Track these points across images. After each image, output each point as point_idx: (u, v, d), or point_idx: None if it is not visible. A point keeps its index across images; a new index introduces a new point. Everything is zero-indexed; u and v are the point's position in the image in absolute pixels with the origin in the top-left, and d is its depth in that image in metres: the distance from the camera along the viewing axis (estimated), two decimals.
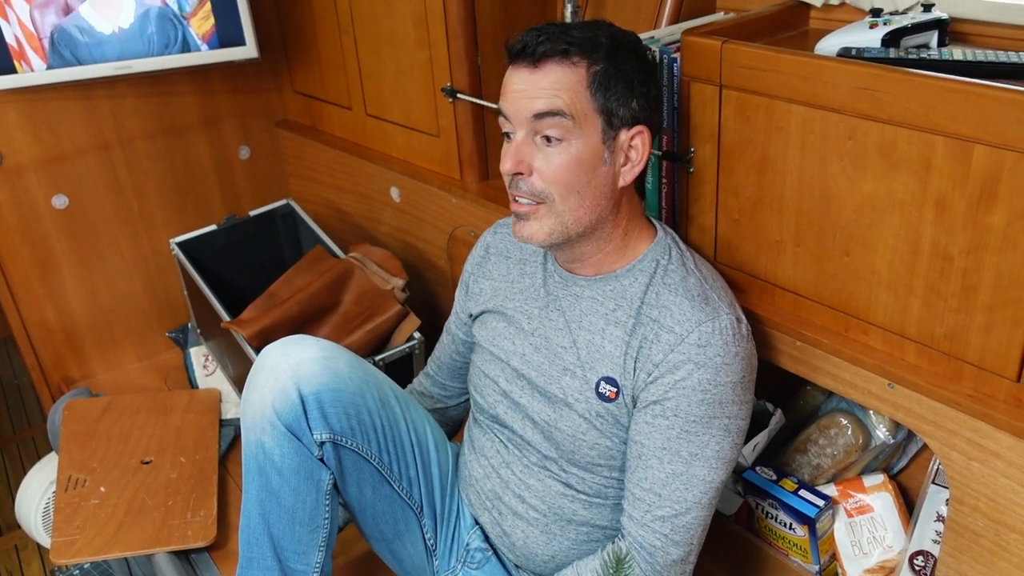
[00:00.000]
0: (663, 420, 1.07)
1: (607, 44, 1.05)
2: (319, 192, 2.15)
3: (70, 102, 1.87)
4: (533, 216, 1.10)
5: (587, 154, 1.06)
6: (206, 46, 1.82)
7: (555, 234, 1.10)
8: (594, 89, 1.04)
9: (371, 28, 1.78)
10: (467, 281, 1.36)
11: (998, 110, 0.90)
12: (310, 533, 1.19)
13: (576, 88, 1.04)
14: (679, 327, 1.06)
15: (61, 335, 2.02)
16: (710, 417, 1.06)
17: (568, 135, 1.05)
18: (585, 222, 1.10)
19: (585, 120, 1.05)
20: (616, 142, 1.07)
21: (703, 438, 1.07)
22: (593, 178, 1.07)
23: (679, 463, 1.08)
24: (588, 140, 1.06)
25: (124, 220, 2.02)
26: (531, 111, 1.05)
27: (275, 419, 1.13)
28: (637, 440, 1.10)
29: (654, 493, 1.09)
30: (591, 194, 1.08)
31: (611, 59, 1.05)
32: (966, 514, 1.06)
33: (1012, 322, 0.97)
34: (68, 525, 1.53)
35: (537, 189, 1.08)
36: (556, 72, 1.04)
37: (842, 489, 1.37)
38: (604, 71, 1.05)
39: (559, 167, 1.06)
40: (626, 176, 1.10)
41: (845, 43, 1.11)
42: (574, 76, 1.04)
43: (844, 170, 1.07)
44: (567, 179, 1.06)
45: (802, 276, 1.18)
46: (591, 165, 1.07)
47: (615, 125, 1.06)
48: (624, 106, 1.06)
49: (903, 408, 1.10)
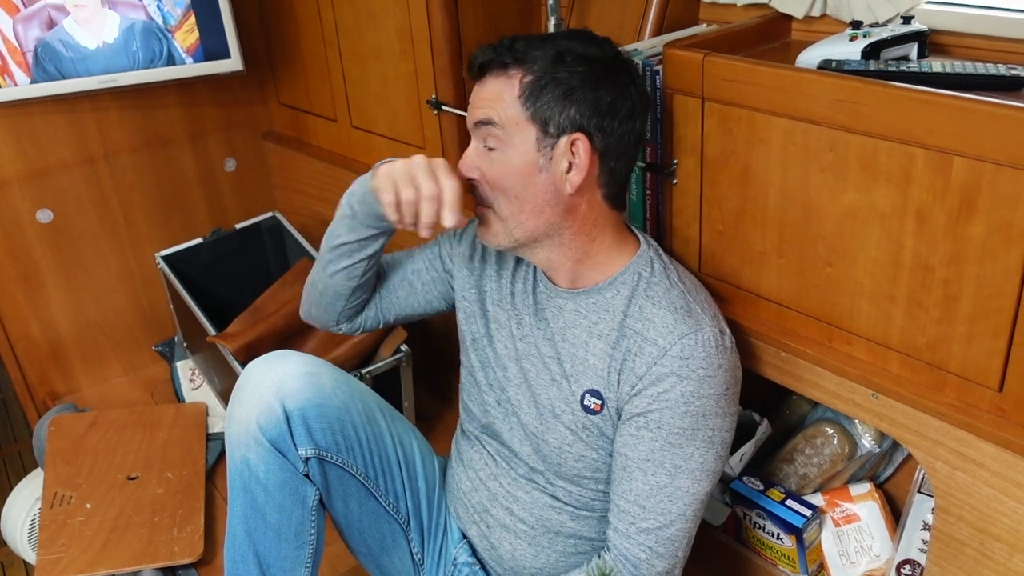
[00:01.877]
0: (647, 432, 1.07)
1: (549, 55, 1.07)
2: (305, 204, 2.15)
3: (54, 116, 1.87)
4: (485, 219, 1.14)
5: (520, 161, 1.08)
6: (191, 59, 1.82)
7: (501, 236, 1.13)
8: (524, 98, 1.07)
9: (356, 41, 1.78)
10: (464, 251, 1.30)
11: (977, 122, 0.91)
12: (296, 550, 1.18)
13: (506, 98, 1.07)
14: (662, 339, 1.07)
15: (46, 349, 2.01)
16: (694, 429, 1.07)
17: (500, 144, 1.09)
18: (530, 227, 1.11)
19: (516, 128, 1.07)
20: (555, 149, 1.07)
21: (687, 450, 1.07)
22: (530, 184, 1.09)
23: (663, 475, 1.08)
24: (520, 148, 1.08)
25: (109, 234, 2.01)
26: (471, 121, 1.11)
27: (260, 435, 1.13)
28: (621, 452, 1.10)
29: (639, 505, 1.09)
30: (530, 200, 1.09)
31: (548, 68, 1.06)
32: (951, 523, 1.07)
33: (993, 332, 0.97)
34: (53, 543, 1.52)
35: (485, 194, 1.12)
36: (493, 84, 1.09)
37: (829, 498, 1.37)
38: (536, 80, 1.06)
39: (496, 174, 1.10)
40: (571, 182, 1.08)
41: (825, 55, 1.12)
42: (507, 86, 1.08)
43: (825, 182, 1.07)
44: (503, 185, 1.09)
45: (786, 287, 1.18)
46: (526, 172, 1.08)
47: (551, 132, 1.07)
48: (560, 113, 1.06)
49: (887, 418, 1.10)
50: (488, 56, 1.09)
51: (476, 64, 1.11)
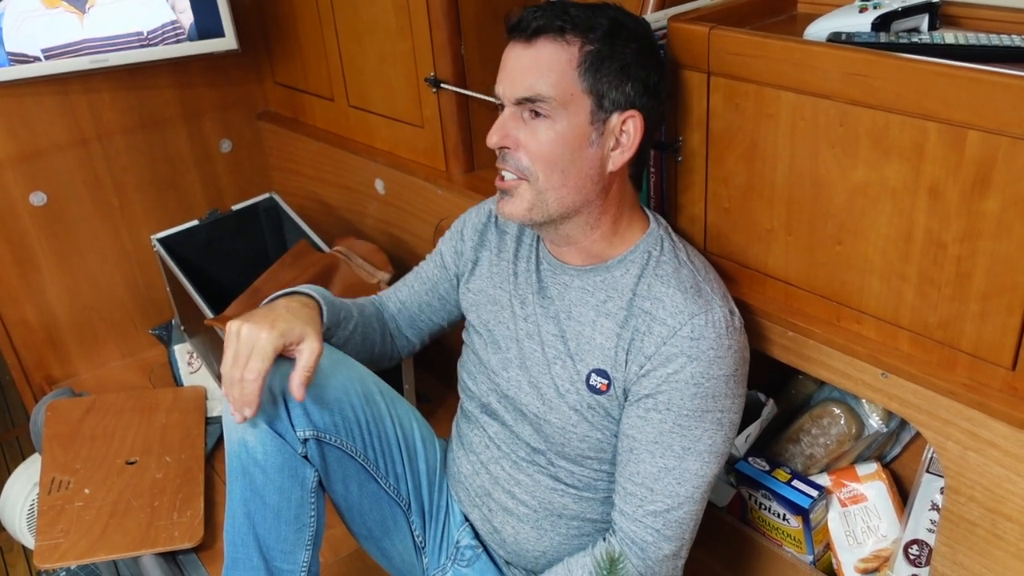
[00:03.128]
0: (655, 414, 1.06)
1: (606, 26, 1.04)
2: (303, 185, 2.13)
3: (46, 97, 1.83)
4: (515, 191, 1.09)
5: (572, 133, 1.05)
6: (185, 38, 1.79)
7: (535, 211, 1.09)
8: (583, 69, 1.03)
9: (352, 17, 1.75)
10: (459, 242, 1.31)
11: (992, 95, 0.88)
12: (296, 532, 1.17)
13: (565, 68, 1.03)
14: (672, 319, 1.05)
15: (42, 334, 1.98)
16: (703, 411, 1.05)
17: (554, 113, 1.04)
18: (568, 202, 1.08)
19: (571, 100, 1.04)
20: (606, 124, 1.06)
21: (696, 432, 1.06)
22: (578, 158, 1.06)
23: (671, 457, 1.06)
24: (574, 120, 1.04)
25: (104, 216, 1.98)
26: (518, 91, 1.05)
27: (256, 417, 1.11)
28: (629, 434, 1.09)
29: (646, 487, 1.07)
30: (575, 174, 1.06)
31: (607, 41, 1.04)
32: (962, 503, 1.06)
33: (1007, 310, 0.95)
34: (52, 528, 1.50)
35: (523, 164, 1.07)
36: (548, 49, 1.04)
37: (835, 479, 1.36)
38: (597, 52, 1.04)
39: (543, 143, 1.05)
40: (616, 160, 1.08)
41: (835, 28, 1.10)
42: (565, 55, 1.03)
43: (835, 157, 1.05)
44: (551, 155, 1.05)
45: (793, 265, 1.16)
46: (576, 144, 1.05)
47: (606, 107, 1.05)
48: (616, 89, 1.04)
49: (897, 398, 1.08)
50: (542, 19, 1.04)
51: (529, 26, 1.04)
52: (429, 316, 1.39)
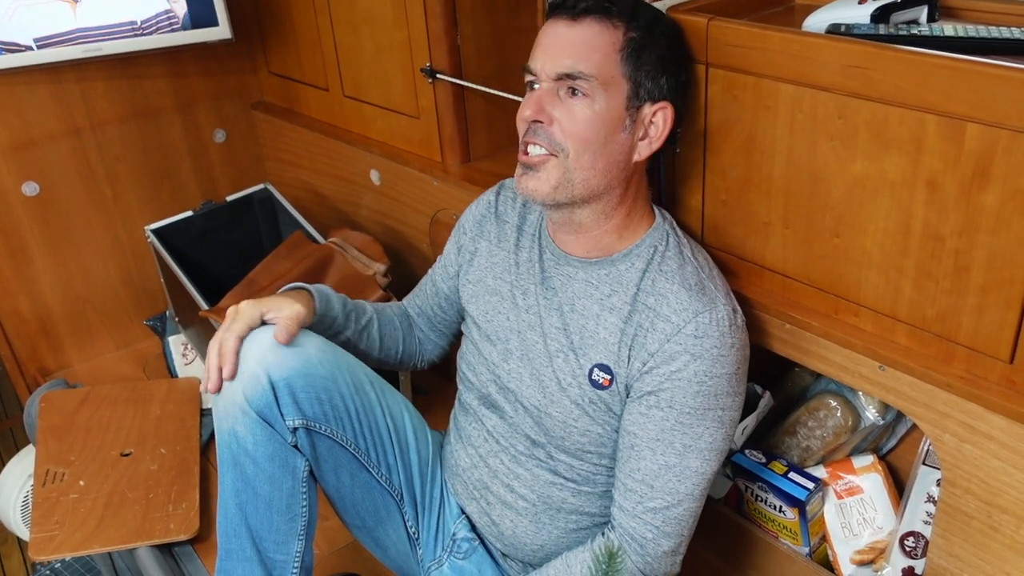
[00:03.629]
0: (657, 411, 1.06)
1: (649, 15, 1.06)
2: (297, 176, 2.11)
3: (38, 86, 1.82)
4: (542, 167, 1.08)
5: (608, 115, 1.05)
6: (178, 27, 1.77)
7: (560, 190, 1.08)
8: (626, 54, 1.05)
9: (347, 7, 1.73)
10: (464, 235, 1.32)
11: (992, 87, 0.88)
12: (288, 522, 1.17)
13: (608, 50, 1.04)
14: (676, 316, 1.05)
15: (36, 325, 1.97)
16: (705, 409, 1.05)
17: (593, 92, 1.04)
18: (592, 185, 1.08)
19: (611, 83, 1.05)
20: (639, 113, 1.07)
21: (697, 430, 1.06)
22: (610, 141, 1.06)
23: (672, 455, 1.06)
24: (611, 102, 1.05)
25: (97, 207, 1.97)
26: (560, 68, 1.04)
27: (246, 406, 1.11)
28: (630, 431, 1.09)
29: (646, 484, 1.07)
30: (605, 157, 1.07)
31: (648, 31, 1.06)
32: (958, 496, 1.06)
33: (1005, 303, 0.95)
34: (47, 520, 1.50)
35: (555, 139, 1.06)
36: (594, 29, 1.04)
37: (832, 471, 1.36)
38: (640, 40, 1.05)
39: (580, 120, 1.05)
40: (642, 151, 1.09)
41: (834, 19, 1.09)
42: (610, 37, 1.04)
43: (834, 150, 1.05)
44: (586, 134, 1.05)
45: (791, 258, 1.16)
46: (611, 127, 1.06)
47: (641, 96, 1.06)
48: (652, 79, 1.06)
49: (894, 391, 1.08)
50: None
51: (576, 4, 1.04)
52: (445, 316, 1.40)
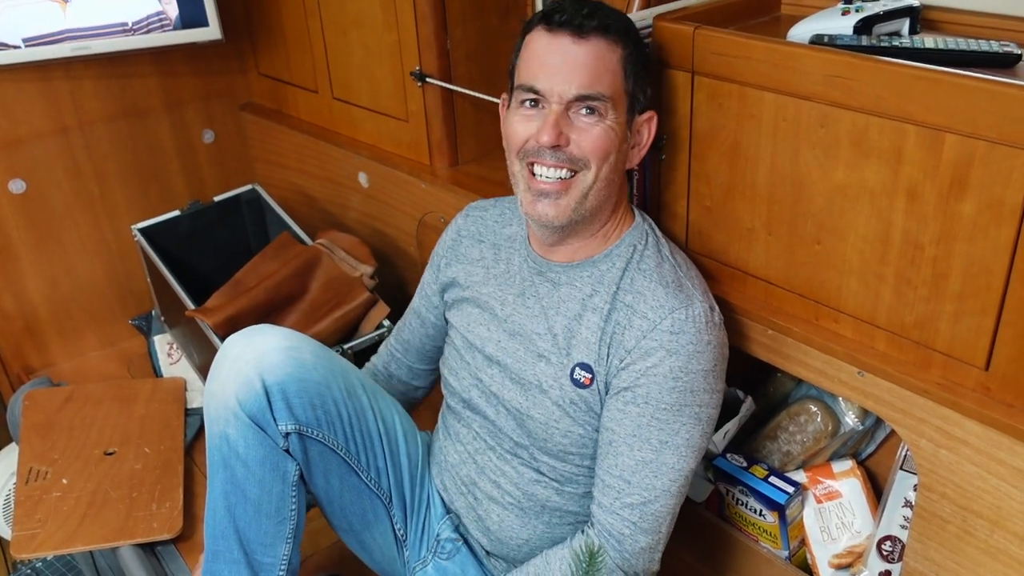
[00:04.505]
0: (634, 407, 1.07)
1: (633, 29, 1.10)
2: (286, 177, 2.12)
3: (26, 84, 1.82)
4: (565, 193, 1.09)
5: (618, 130, 1.09)
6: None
7: (578, 209, 1.10)
8: (627, 71, 1.08)
9: (338, 10, 1.74)
10: (438, 264, 1.34)
11: (969, 99, 0.90)
12: (276, 525, 1.17)
13: (616, 69, 1.07)
14: (652, 313, 1.06)
15: (20, 323, 1.97)
16: (681, 405, 1.06)
17: (605, 112, 1.07)
18: (602, 197, 1.11)
19: (619, 100, 1.08)
20: (633, 124, 1.11)
21: (673, 426, 1.07)
22: (618, 154, 1.10)
23: (649, 451, 1.07)
24: (619, 118, 1.09)
25: (84, 205, 1.97)
26: (578, 88, 1.05)
27: (239, 410, 1.11)
28: (608, 427, 1.10)
29: (624, 480, 1.09)
30: (615, 170, 1.11)
31: (637, 44, 1.09)
32: (934, 500, 1.07)
33: (981, 311, 0.97)
34: (29, 518, 1.49)
35: (575, 156, 1.07)
36: (601, 48, 1.06)
37: (811, 475, 1.38)
38: (634, 55, 1.08)
39: (598, 137, 1.07)
40: (633, 159, 1.13)
41: (817, 30, 1.11)
42: (614, 56, 1.07)
43: (816, 158, 1.06)
44: (605, 149, 1.08)
45: (773, 264, 1.18)
46: (619, 141, 1.09)
47: (636, 109, 1.10)
48: (643, 91, 1.10)
49: (873, 396, 1.10)
50: (594, 18, 1.05)
51: (582, 22, 1.04)
52: (435, 344, 1.42)
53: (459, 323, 1.28)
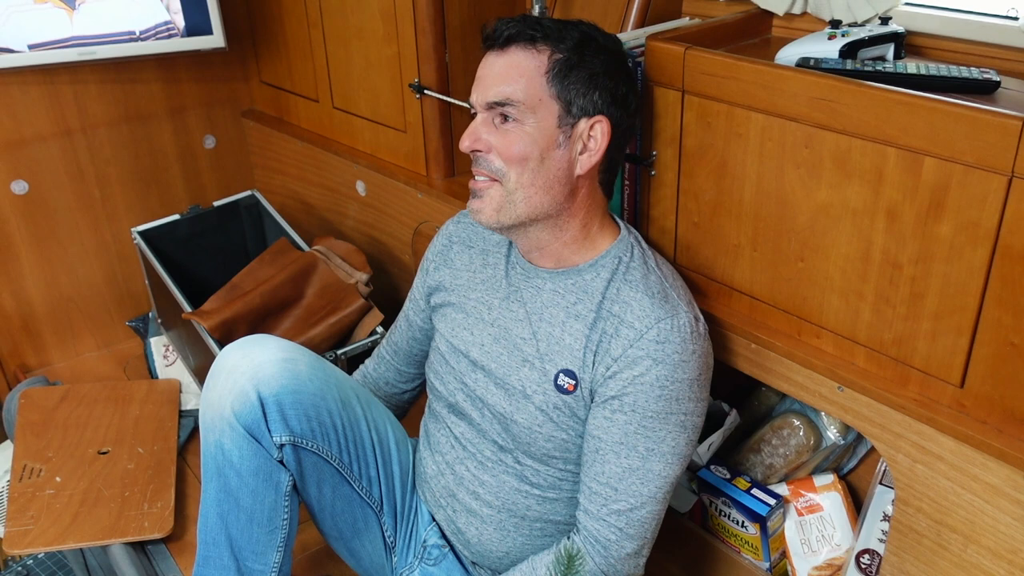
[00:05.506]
0: (621, 415, 1.09)
1: (576, 37, 1.09)
2: (285, 184, 2.15)
3: (32, 87, 1.84)
4: (486, 192, 1.13)
5: (540, 135, 1.09)
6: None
7: (503, 212, 1.12)
8: (552, 75, 1.08)
9: (339, 22, 1.77)
10: (427, 268, 1.36)
11: (947, 124, 0.93)
12: (268, 534, 1.19)
13: (534, 74, 1.08)
14: (638, 323, 1.08)
15: (18, 322, 1.99)
16: (667, 413, 1.09)
17: (522, 117, 1.09)
18: (535, 203, 1.11)
19: (539, 105, 1.09)
20: (574, 129, 1.10)
21: (660, 433, 1.09)
22: (547, 158, 1.10)
23: (636, 458, 1.10)
24: (542, 123, 1.09)
25: (85, 207, 1.99)
26: (490, 95, 1.10)
27: (234, 421, 1.13)
28: (595, 435, 1.12)
29: (610, 487, 1.11)
30: (543, 174, 1.10)
31: (576, 51, 1.09)
32: (910, 514, 1.10)
33: (956, 330, 1.00)
34: (22, 515, 1.51)
35: (494, 167, 1.11)
36: (519, 56, 1.09)
37: (793, 488, 1.40)
38: (566, 60, 1.09)
39: (513, 144, 1.10)
40: (583, 164, 1.12)
41: (804, 53, 1.14)
42: (535, 62, 1.09)
43: (800, 178, 1.09)
44: (520, 155, 1.09)
45: (758, 280, 1.20)
46: (545, 145, 1.10)
47: (574, 113, 1.10)
48: (584, 96, 1.09)
49: (852, 411, 1.13)
50: (515, 28, 1.09)
51: (501, 35, 1.10)
52: (422, 348, 1.43)
53: (444, 328, 1.29)
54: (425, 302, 1.36)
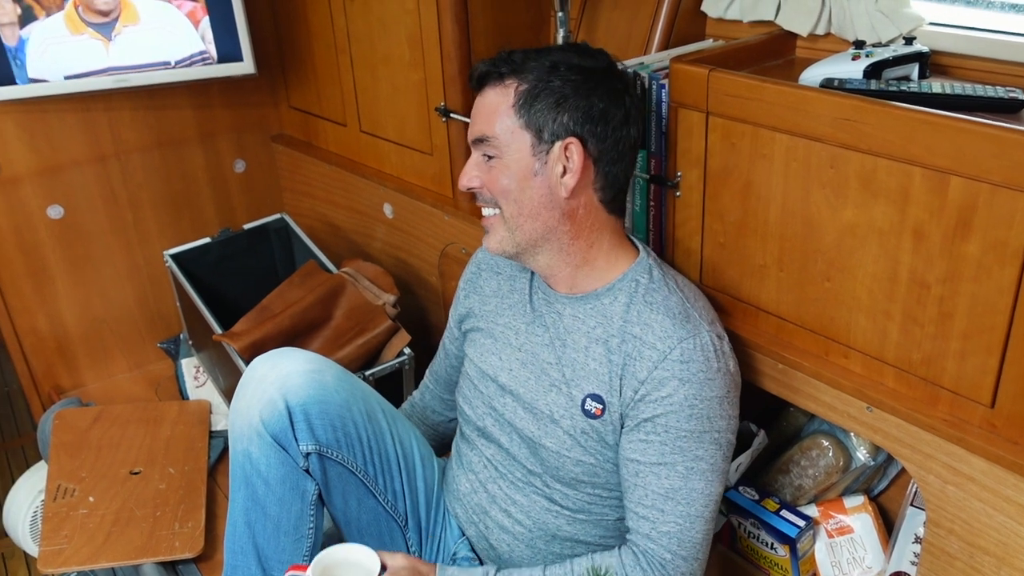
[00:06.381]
0: (655, 436, 1.10)
1: (545, 65, 1.12)
2: (313, 207, 2.17)
3: (68, 114, 1.89)
4: (491, 226, 1.18)
5: (516, 166, 1.13)
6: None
7: (506, 242, 1.17)
8: (518, 107, 1.11)
9: (367, 48, 1.80)
10: (459, 297, 1.39)
11: (973, 143, 0.93)
12: (295, 543, 1.21)
13: (503, 109, 1.12)
14: (661, 344, 1.09)
15: (53, 344, 2.03)
16: (701, 431, 1.09)
17: (500, 152, 1.13)
18: (528, 230, 1.15)
19: (512, 137, 1.12)
20: (549, 155, 1.12)
21: (696, 452, 1.10)
22: (527, 187, 1.13)
23: (677, 478, 1.10)
24: (516, 155, 1.13)
25: (118, 231, 2.03)
26: (472, 135, 1.16)
27: (262, 429, 1.15)
28: (632, 458, 1.12)
29: (656, 509, 1.11)
30: (528, 203, 1.13)
31: (543, 77, 1.11)
32: (942, 536, 1.09)
33: (986, 349, 0.99)
34: (56, 534, 1.54)
35: (488, 199, 1.16)
36: (491, 95, 1.14)
37: (823, 510, 1.39)
38: (530, 90, 1.11)
39: (495, 178, 1.14)
40: (567, 185, 1.12)
41: (828, 74, 1.14)
42: (503, 97, 1.12)
43: (826, 198, 1.09)
44: (502, 188, 1.14)
45: (785, 300, 1.20)
46: (522, 175, 1.13)
47: (545, 139, 1.12)
48: (553, 121, 1.11)
49: (881, 431, 1.12)
50: (486, 68, 1.14)
51: (475, 76, 1.16)
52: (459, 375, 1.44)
53: (473, 353, 1.31)
54: (458, 329, 1.38)
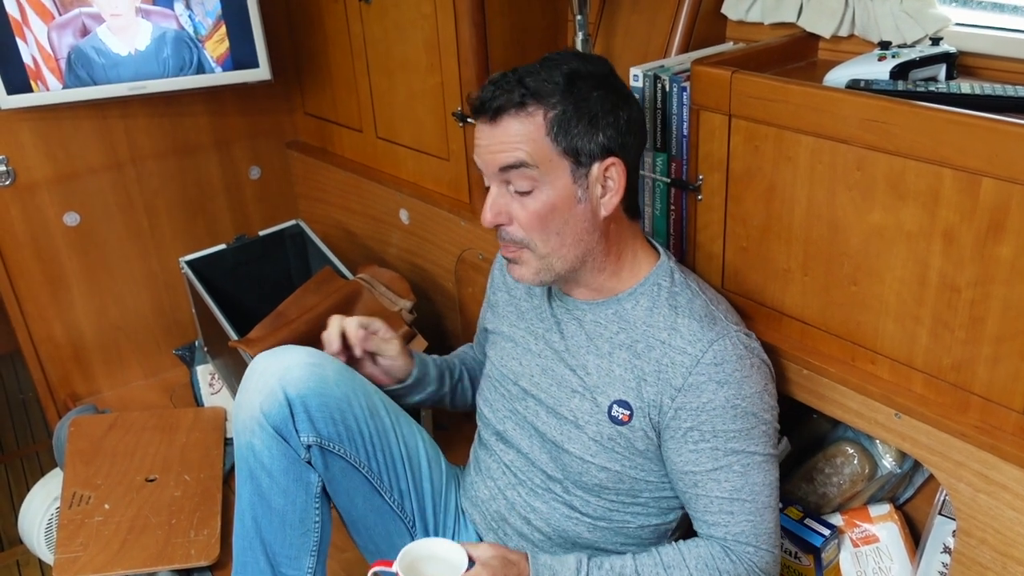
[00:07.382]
0: (705, 444, 1.09)
1: (563, 84, 1.05)
2: (329, 213, 2.17)
3: (84, 121, 1.89)
4: (520, 259, 1.13)
5: (559, 198, 1.07)
6: (220, 68, 1.84)
7: (542, 273, 1.13)
8: (554, 134, 1.05)
9: (383, 53, 1.80)
10: (489, 287, 1.39)
11: (1006, 144, 0.91)
12: (301, 536, 1.20)
13: (535, 137, 1.05)
14: (691, 348, 1.08)
15: (68, 351, 2.02)
16: (748, 428, 1.09)
17: (537, 183, 1.07)
18: (571, 258, 1.12)
19: (551, 166, 1.06)
20: (589, 178, 1.08)
21: (748, 447, 1.09)
22: (571, 218, 1.09)
23: (736, 478, 1.09)
24: (558, 184, 1.07)
25: (134, 238, 2.03)
26: (496, 165, 1.08)
27: (263, 420, 1.15)
28: (687, 469, 1.11)
29: (725, 513, 1.10)
30: (571, 233, 1.10)
31: (568, 99, 1.05)
32: (973, 546, 1.06)
33: (1019, 354, 0.97)
34: (72, 542, 1.53)
35: (518, 237, 1.11)
36: (514, 125, 1.06)
37: (848, 518, 1.37)
38: (562, 114, 1.05)
39: (533, 214, 1.08)
40: (607, 206, 1.10)
41: (854, 75, 1.13)
42: (531, 126, 1.05)
43: (852, 200, 1.07)
44: (543, 225, 1.08)
45: (810, 305, 1.18)
46: (566, 207, 1.08)
47: (584, 162, 1.07)
48: (591, 142, 1.06)
49: (910, 439, 1.10)
50: (501, 98, 1.05)
51: (491, 106, 1.06)
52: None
53: (495, 355, 1.30)
54: (484, 333, 1.39)
